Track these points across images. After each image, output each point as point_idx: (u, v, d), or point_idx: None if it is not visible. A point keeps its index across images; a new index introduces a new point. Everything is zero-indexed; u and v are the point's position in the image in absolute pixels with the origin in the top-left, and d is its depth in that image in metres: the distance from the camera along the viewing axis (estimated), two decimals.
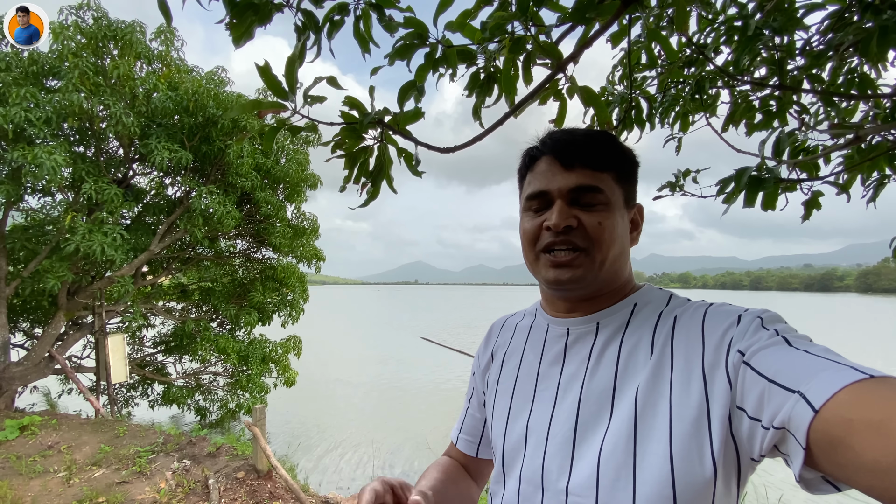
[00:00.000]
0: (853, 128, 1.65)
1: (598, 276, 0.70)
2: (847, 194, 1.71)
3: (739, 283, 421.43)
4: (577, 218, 0.69)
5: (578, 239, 0.69)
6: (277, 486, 4.67)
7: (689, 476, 0.56)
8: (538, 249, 0.73)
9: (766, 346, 0.54)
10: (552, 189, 0.71)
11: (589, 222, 0.69)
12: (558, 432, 0.68)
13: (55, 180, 5.83)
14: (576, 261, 0.69)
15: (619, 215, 0.71)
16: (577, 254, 0.69)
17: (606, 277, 0.71)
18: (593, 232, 0.68)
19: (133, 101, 6.87)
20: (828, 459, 0.44)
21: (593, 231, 0.68)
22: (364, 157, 1.19)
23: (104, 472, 4.83)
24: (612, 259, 0.70)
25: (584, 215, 0.69)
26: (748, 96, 1.86)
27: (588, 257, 0.69)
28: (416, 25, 1.21)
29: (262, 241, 9.49)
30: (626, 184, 0.73)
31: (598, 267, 0.69)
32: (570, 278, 0.69)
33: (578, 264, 0.69)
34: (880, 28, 1.22)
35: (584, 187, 0.69)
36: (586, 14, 0.99)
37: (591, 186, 0.69)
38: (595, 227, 0.68)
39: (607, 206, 0.70)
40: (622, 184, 0.72)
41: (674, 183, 1.76)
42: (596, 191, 0.69)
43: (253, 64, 1.12)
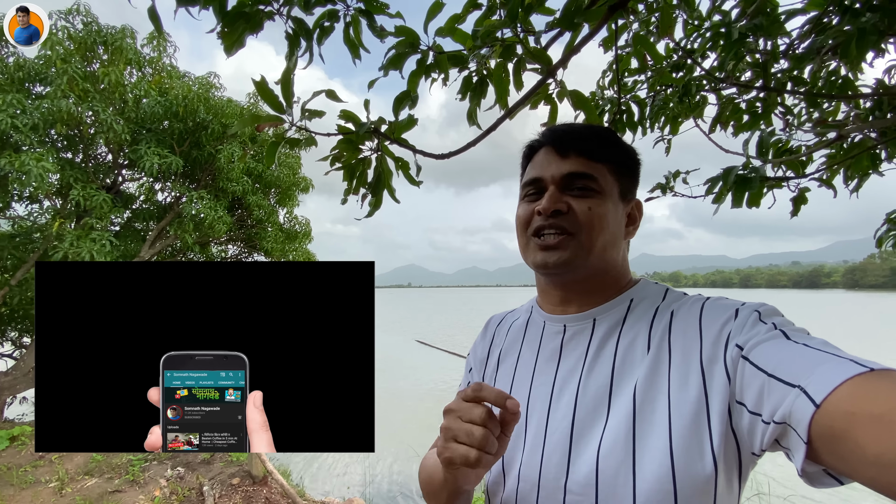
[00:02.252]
0: (836, 126, 1.70)
1: (587, 260, 0.70)
2: (833, 189, 1.75)
3: (729, 282, 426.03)
4: (567, 203, 0.70)
5: (567, 223, 0.69)
6: (273, 492, 4.64)
7: (690, 471, 0.55)
8: (529, 233, 0.73)
9: (764, 340, 0.54)
10: (546, 176, 0.72)
11: (579, 207, 0.69)
12: (556, 430, 0.68)
13: (43, 187, 5.75)
14: (562, 243, 0.69)
15: (611, 204, 0.71)
16: (564, 237, 0.69)
17: (596, 264, 0.71)
18: (583, 217, 0.69)
19: (123, 106, 6.81)
20: (830, 453, 0.44)
21: (583, 216, 0.69)
22: (362, 169, 1.20)
23: (96, 481, 4.76)
24: (601, 245, 0.70)
25: (574, 201, 0.70)
26: (734, 99, 1.90)
27: (575, 240, 0.69)
28: (408, 34, 1.22)
29: (254, 246, 9.43)
30: (623, 177, 0.73)
31: (585, 251, 0.69)
32: (556, 261, 0.70)
33: (565, 247, 0.69)
34: (859, 31, 1.25)
35: (577, 174, 0.70)
36: (574, 19, 1.01)
37: (583, 173, 0.70)
38: (585, 211, 0.69)
39: (600, 195, 0.70)
40: (619, 176, 0.73)
41: (664, 185, 1.79)
42: (588, 178, 0.70)
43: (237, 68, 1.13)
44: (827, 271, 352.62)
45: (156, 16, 1.16)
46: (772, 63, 1.63)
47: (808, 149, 1.85)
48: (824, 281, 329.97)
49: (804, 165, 1.79)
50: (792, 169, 1.77)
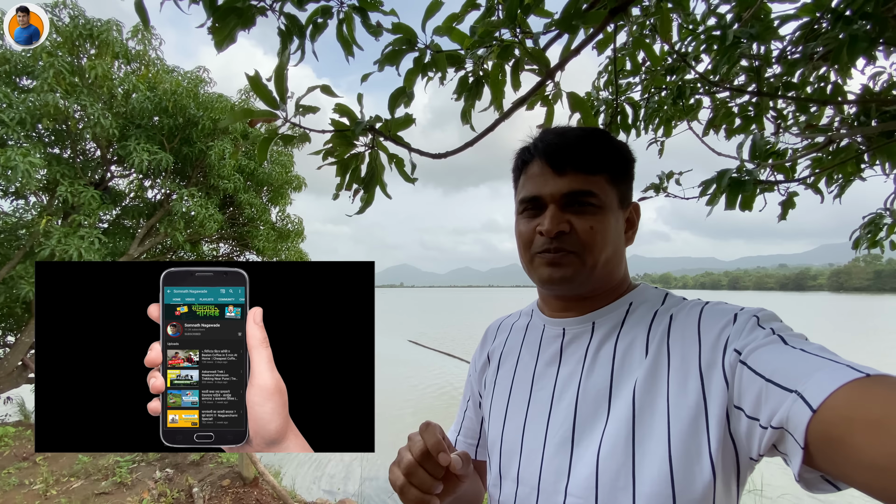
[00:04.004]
0: (825, 130, 1.72)
1: (591, 277, 0.71)
2: (820, 193, 1.78)
3: (718, 283, 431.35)
4: (569, 222, 0.70)
5: (569, 244, 0.69)
6: (264, 494, 4.60)
7: (688, 475, 0.56)
8: (532, 252, 0.73)
9: (762, 345, 0.54)
10: (544, 194, 0.71)
11: (581, 227, 0.69)
12: (556, 434, 0.68)
13: (29, 183, 5.64)
14: (567, 261, 0.70)
15: (612, 217, 0.71)
16: (568, 255, 0.70)
17: (600, 277, 0.72)
18: (585, 236, 0.69)
19: (111, 101, 6.70)
20: (826, 458, 0.44)
21: (585, 235, 0.69)
22: (355, 164, 1.19)
23: (82, 483, 4.69)
24: (603, 261, 0.70)
25: (576, 219, 0.70)
26: (727, 102, 1.92)
27: (579, 259, 0.69)
28: (405, 31, 1.21)
29: (246, 245, 9.33)
30: (620, 184, 0.73)
31: (588, 269, 0.70)
32: (561, 277, 0.70)
33: (569, 264, 0.69)
34: (851, 37, 1.27)
35: (576, 192, 0.70)
36: (573, 22, 1.01)
37: (582, 191, 0.70)
38: (587, 231, 0.69)
39: (600, 210, 0.70)
40: (616, 184, 0.72)
41: (658, 185, 1.80)
42: (588, 195, 0.70)
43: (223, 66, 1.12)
44: (813, 274, 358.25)
45: (143, 9, 1.14)
46: (765, 68, 1.65)
47: (795, 153, 1.88)
48: (810, 283, 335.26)
49: (794, 169, 1.81)
50: (781, 172, 1.79)
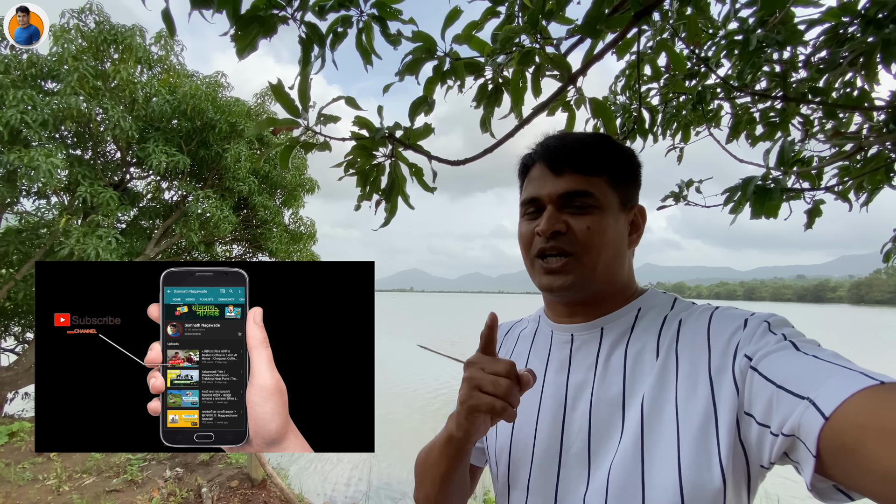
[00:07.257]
0: (854, 137, 1.67)
1: (592, 280, 0.69)
2: (848, 202, 1.73)
3: (733, 294, 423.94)
4: (566, 223, 0.69)
5: (567, 244, 0.68)
6: (272, 496, 4.60)
7: (697, 482, 0.54)
8: (532, 255, 0.73)
9: (773, 351, 0.53)
10: (542, 195, 0.71)
11: (578, 227, 0.68)
12: (573, 443, 0.67)
13: (51, 183, 5.79)
14: (566, 267, 0.69)
15: (611, 218, 0.70)
16: (567, 259, 0.68)
17: (602, 280, 0.71)
18: (582, 236, 0.68)
19: (132, 104, 6.85)
20: (838, 467, 0.43)
21: (582, 235, 0.68)
22: (376, 175, 1.19)
23: (94, 479, 4.75)
24: (604, 263, 0.69)
25: (573, 220, 0.69)
26: (749, 108, 1.88)
27: (578, 262, 0.68)
28: (425, 39, 1.21)
29: (259, 247, 9.45)
30: (622, 186, 0.72)
31: (588, 271, 0.69)
32: (561, 285, 0.69)
33: (569, 270, 0.69)
34: (884, 42, 1.24)
35: (574, 192, 0.69)
36: (597, 26, 0.99)
37: (580, 191, 0.69)
38: (584, 231, 0.68)
39: (598, 210, 0.69)
40: (617, 187, 0.71)
41: (678, 193, 1.77)
42: (585, 195, 0.69)
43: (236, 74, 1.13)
44: (832, 286, 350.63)
45: (170, 18, 1.16)
46: (790, 73, 1.61)
47: (821, 160, 1.83)
48: (829, 295, 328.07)
49: (821, 177, 1.76)
50: (807, 180, 1.74)
